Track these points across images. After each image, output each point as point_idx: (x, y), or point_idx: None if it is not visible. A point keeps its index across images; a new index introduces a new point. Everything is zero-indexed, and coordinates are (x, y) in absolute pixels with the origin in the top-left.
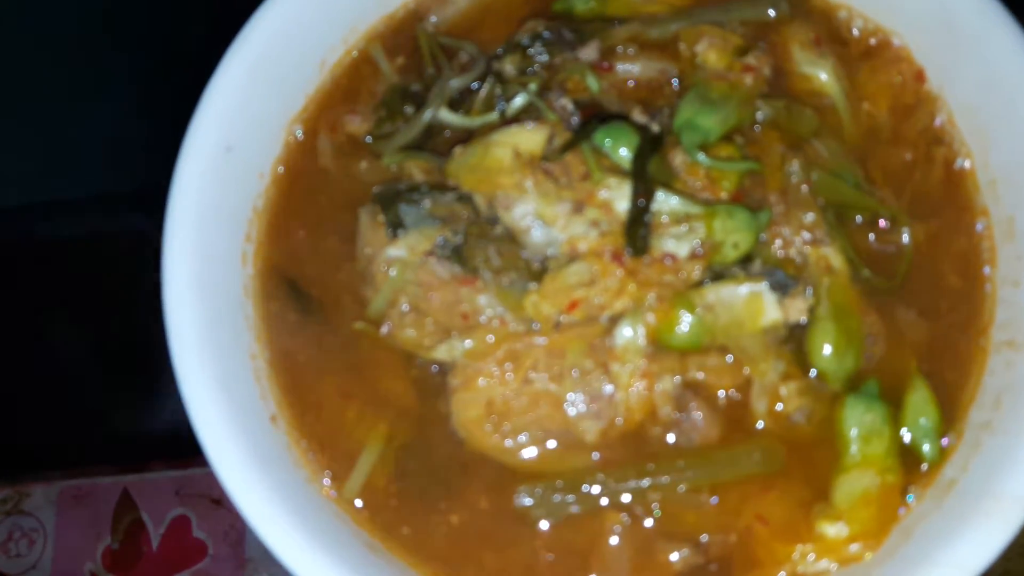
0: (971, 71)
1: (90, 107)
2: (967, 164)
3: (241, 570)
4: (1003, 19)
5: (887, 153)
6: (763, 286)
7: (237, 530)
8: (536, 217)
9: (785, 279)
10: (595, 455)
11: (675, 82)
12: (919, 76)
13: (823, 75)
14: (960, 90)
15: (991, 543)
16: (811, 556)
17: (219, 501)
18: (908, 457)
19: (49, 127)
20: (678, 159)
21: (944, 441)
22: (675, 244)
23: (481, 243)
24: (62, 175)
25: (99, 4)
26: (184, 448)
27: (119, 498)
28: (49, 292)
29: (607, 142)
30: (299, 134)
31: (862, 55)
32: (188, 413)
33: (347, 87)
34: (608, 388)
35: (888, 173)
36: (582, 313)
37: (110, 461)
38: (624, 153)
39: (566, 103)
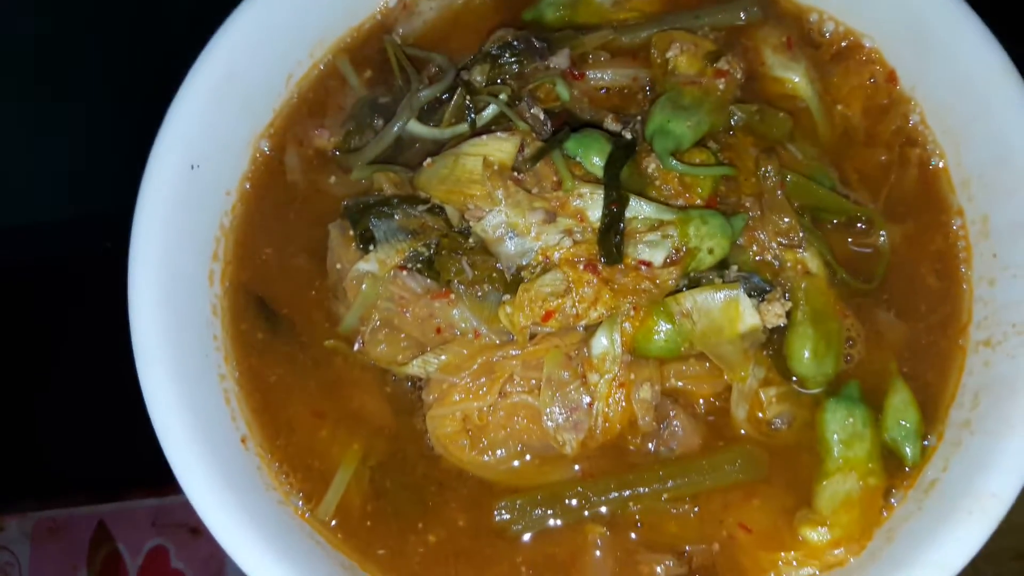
0: (942, 72)
1: (52, 129)
2: (941, 164)
3: None
4: (972, 20)
5: (862, 155)
6: (740, 292)
7: (217, 559)
8: (508, 227)
9: (762, 283)
10: (575, 467)
11: (647, 89)
12: (891, 77)
13: (796, 78)
14: (932, 91)
15: (971, 541)
16: (795, 562)
17: (197, 531)
18: (890, 459)
19: (10, 149)
20: (651, 166)
21: (925, 442)
22: (650, 251)
23: (453, 255)
24: (24, 200)
25: (64, 21)
26: (162, 476)
27: (95, 530)
28: (17, 319)
29: (579, 151)
30: (266, 149)
31: (834, 57)
32: (157, 436)
33: (314, 101)
34: (586, 399)
35: (863, 175)
36: (557, 323)
37: (86, 490)
38: (596, 161)
39: (537, 112)
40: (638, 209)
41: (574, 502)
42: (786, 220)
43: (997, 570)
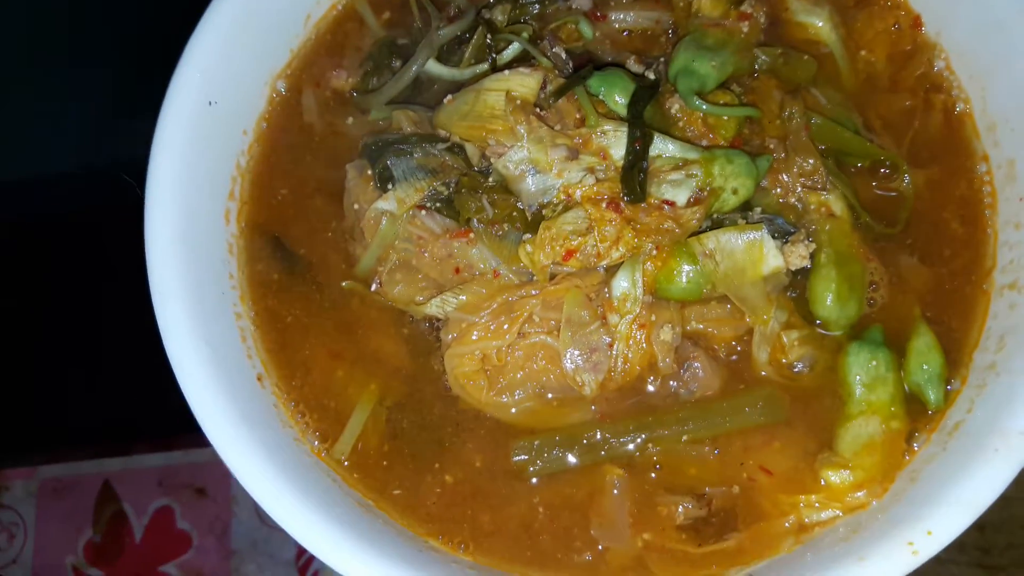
0: (967, 16)
1: (70, 74)
2: (966, 109)
3: (227, 562)
4: None
5: (886, 100)
6: (763, 233)
7: (222, 521)
8: (530, 164)
9: (785, 226)
10: (593, 409)
11: (670, 32)
12: (916, 22)
13: (819, 23)
14: (957, 36)
15: (999, 477)
16: (816, 505)
17: (203, 491)
18: (913, 403)
19: (28, 98)
20: (675, 107)
21: (948, 387)
22: (673, 190)
23: (473, 194)
24: (42, 149)
25: None
26: (169, 429)
27: (100, 490)
28: (28, 271)
29: (602, 89)
30: (283, 90)
31: (858, 3)
32: (174, 371)
33: (332, 42)
34: (606, 340)
35: (887, 120)
36: (578, 263)
37: (92, 444)
38: (620, 100)
39: (559, 51)
40: (662, 147)
41: (592, 443)
42: (810, 162)
43: (1008, 539)
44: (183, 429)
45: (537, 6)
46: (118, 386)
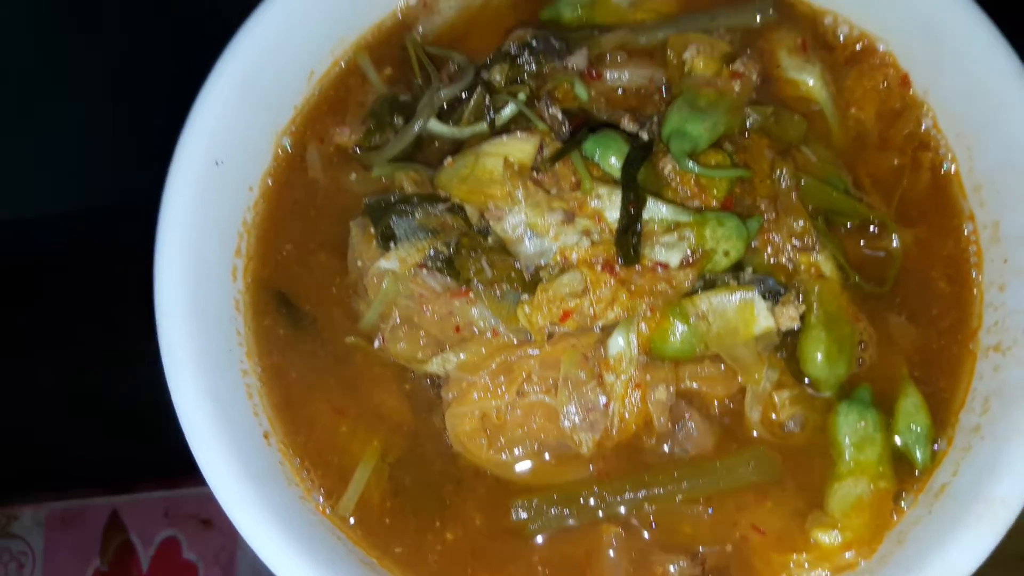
0: (955, 77)
1: (77, 117)
2: (953, 169)
3: None
4: (985, 25)
5: (875, 158)
6: (755, 294)
7: (228, 551)
8: (528, 227)
9: (776, 286)
10: (590, 467)
11: (663, 89)
12: (904, 81)
13: (810, 80)
14: (945, 96)
15: (981, 545)
16: (806, 564)
17: (209, 522)
18: (900, 463)
19: (36, 139)
20: (668, 167)
21: (935, 446)
22: (666, 252)
23: (473, 254)
24: (48, 189)
25: (91, 11)
26: (174, 468)
27: (108, 520)
28: (37, 308)
29: (597, 151)
30: (288, 146)
31: (848, 60)
32: (183, 429)
33: (335, 98)
34: (602, 399)
35: (876, 178)
36: (575, 323)
37: (99, 483)
38: (614, 162)
39: (556, 112)
40: (655, 210)
41: (590, 502)
42: (800, 223)
43: (1004, 573)
44: (189, 470)
45: (534, 65)
46: (124, 428)
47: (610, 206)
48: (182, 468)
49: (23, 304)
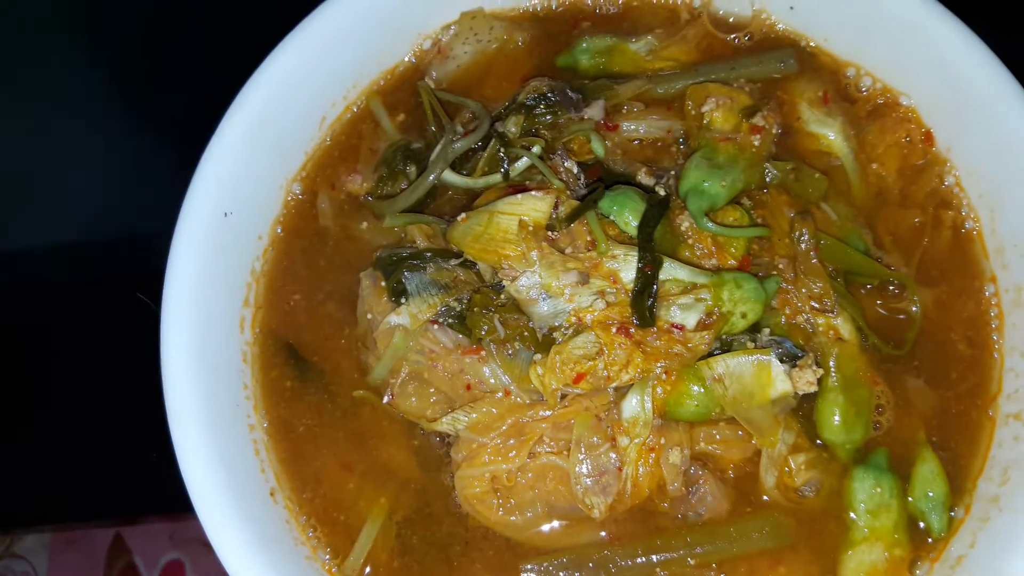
0: (979, 135)
1: (89, 155)
2: (975, 229)
3: None
4: (1012, 86)
5: (896, 215)
6: (772, 357)
7: None
8: (542, 288)
9: (794, 349)
10: (602, 531)
11: (681, 142)
12: (927, 137)
13: (831, 134)
14: (968, 154)
15: None
16: None
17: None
18: (916, 530)
19: (49, 177)
20: (685, 223)
21: (952, 513)
22: (682, 314)
23: (485, 312)
24: (58, 221)
25: (101, 53)
26: (178, 503)
27: (112, 542)
28: (39, 340)
29: (613, 209)
30: (298, 193)
31: (870, 114)
32: (189, 493)
33: (347, 145)
34: (615, 462)
35: (897, 236)
36: (589, 385)
37: (103, 515)
38: (630, 220)
39: (571, 166)
40: (672, 271)
41: (601, 566)
42: (819, 285)
43: None
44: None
45: (550, 117)
46: (127, 463)
47: (625, 267)
48: (185, 502)
49: (24, 335)
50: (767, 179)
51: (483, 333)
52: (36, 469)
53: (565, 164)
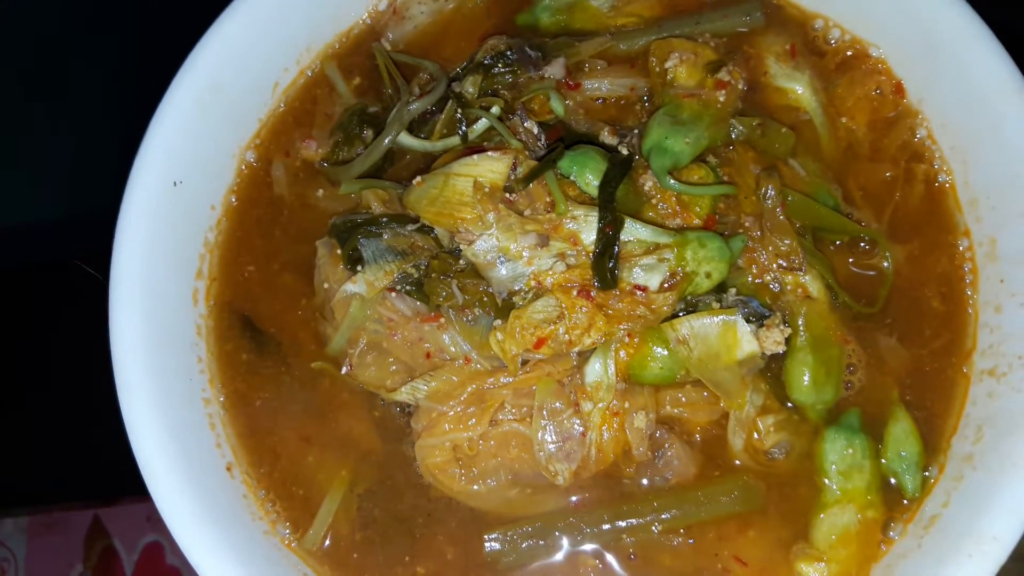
0: (951, 86)
1: (32, 128)
2: (948, 182)
3: None
4: (984, 34)
5: (866, 170)
6: (737, 317)
7: None
8: (499, 252)
9: (760, 308)
10: (567, 497)
11: (645, 99)
12: (898, 89)
13: (799, 88)
14: (940, 105)
15: None
16: None
17: None
18: (889, 491)
19: None
20: (648, 183)
21: (926, 473)
22: (645, 275)
23: (443, 278)
24: (14, 202)
25: (53, 21)
26: None
27: (90, 525)
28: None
29: (573, 169)
30: (252, 161)
31: (839, 67)
32: (140, 471)
33: (301, 110)
34: (579, 428)
35: (868, 191)
36: (550, 350)
37: (79, 496)
38: (591, 180)
39: (531, 126)
40: (633, 231)
41: (566, 533)
42: (786, 242)
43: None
44: None
45: (509, 76)
46: (104, 443)
47: (586, 228)
48: None
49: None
50: (733, 136)
51: (441, 299)
52: (10, 452)
53: (525, 124)
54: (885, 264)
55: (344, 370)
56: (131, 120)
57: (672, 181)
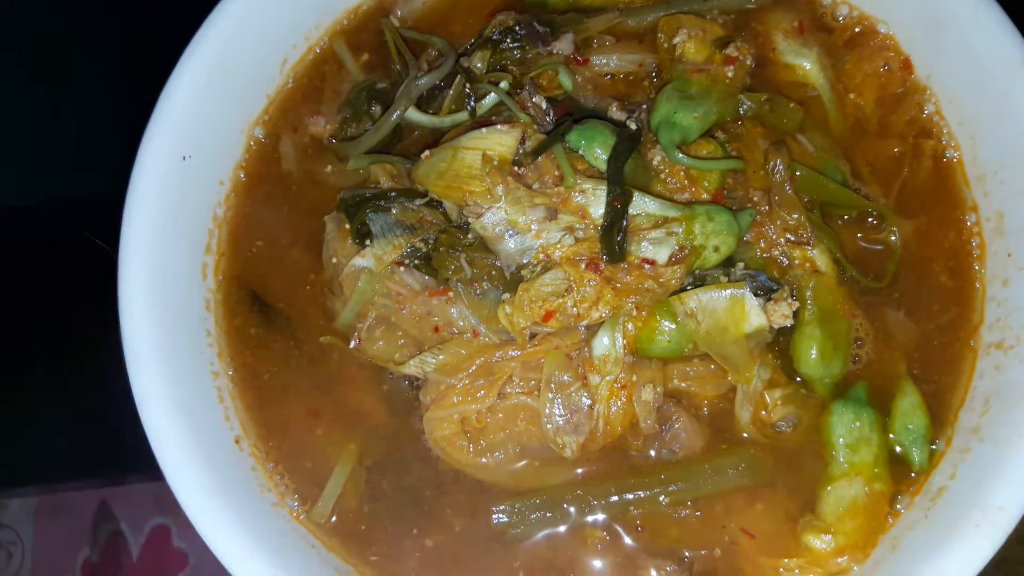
0: (959, 61)
1: (41, 108)
2: (956, 157)
3: None
4: (992, 9)
5: (874, 145)
6: (746, 291)
7: None
8: (508, 225)
9: (768, 282)
10: (575, 470)
11: (654, 75)
12: (906, 65)
13: (808, 64)
14: (948, 81)
15: (977, 555)
16: (797, 570)
17: None
18: (897, 464)
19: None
20: (656, 157)
21: (933, 446)
22: (653, 249)
23: (452, 252)
24: (11, 182)
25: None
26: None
27: (97, 508)
28: (12, 302)
29: (582, 143)
30: (261, 137)
31: (847, 43)
32: (149, 442)
33: (310, 87)
34: (587, 401)
35: (875, 167)
36: (558, 323)
37: (87, 475)
38: (600, 154)
39: (539, 101)
40: (642, 205)
41: (573, 506)
42: (795, 216)
43: (1002, 554)
44: None
45: (517, 51)
46: (112, 423)
47: (595, 201)
48: None
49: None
50: (741, 111)
51: (450, 273)
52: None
53: (533, 99)
54: (893, 239)
55: (353, 344)
56: (138, 98)
57: (681, 155)
